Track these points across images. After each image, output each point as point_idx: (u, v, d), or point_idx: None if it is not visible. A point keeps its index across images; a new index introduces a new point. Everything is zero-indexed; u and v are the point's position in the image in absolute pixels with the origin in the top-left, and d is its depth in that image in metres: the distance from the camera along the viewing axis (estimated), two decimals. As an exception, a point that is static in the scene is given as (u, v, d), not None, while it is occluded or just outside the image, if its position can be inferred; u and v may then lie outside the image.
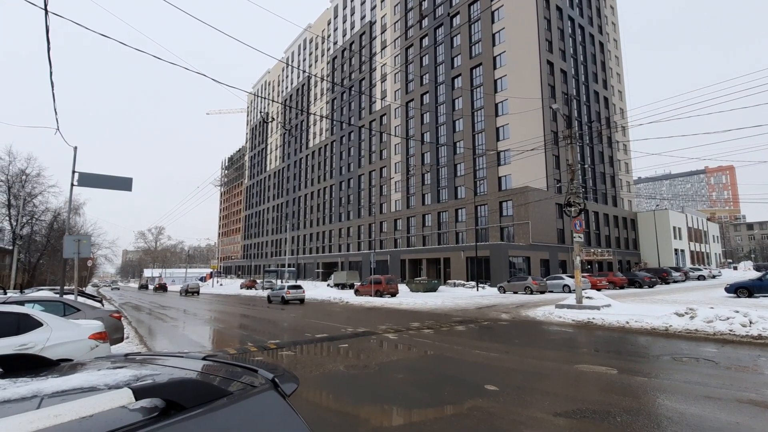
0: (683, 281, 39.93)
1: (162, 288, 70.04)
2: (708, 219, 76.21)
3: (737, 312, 11.58)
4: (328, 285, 47.13)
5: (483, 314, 17.73)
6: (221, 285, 73.25)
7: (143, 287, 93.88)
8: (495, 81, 48.16)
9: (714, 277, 45.04)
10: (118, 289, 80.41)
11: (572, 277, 30.29)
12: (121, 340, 9.47)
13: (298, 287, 29.83)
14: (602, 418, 4.82)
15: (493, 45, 48.88)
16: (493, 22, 49.11)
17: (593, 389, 6.13)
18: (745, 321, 11.01)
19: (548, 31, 47.14)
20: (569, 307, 16.53)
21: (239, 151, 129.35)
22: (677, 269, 43.00)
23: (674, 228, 57.85)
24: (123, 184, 13.72)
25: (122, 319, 13.11)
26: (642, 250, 58.05)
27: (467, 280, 40.76)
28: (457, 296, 29.37)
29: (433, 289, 35.78)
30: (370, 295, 30.50)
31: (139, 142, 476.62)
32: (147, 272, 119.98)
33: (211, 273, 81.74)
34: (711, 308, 12.43)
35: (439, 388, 6.34)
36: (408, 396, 6.00)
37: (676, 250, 57.12)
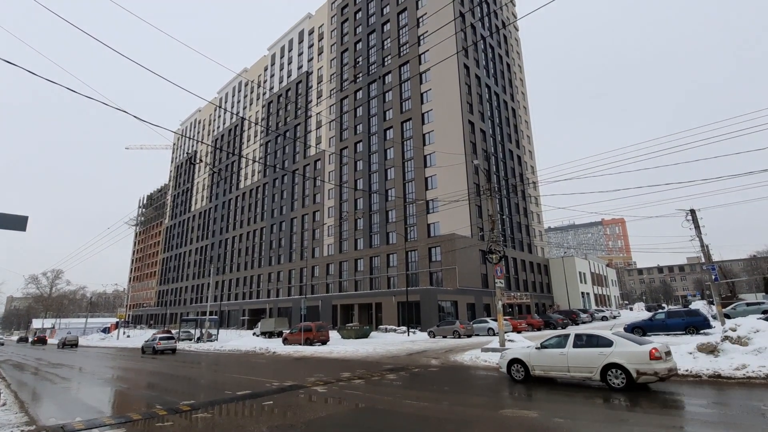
0: (590, 322, 43.84)
1: (41, 341, 62.96)
2: (607, 265, 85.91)
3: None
4: (255, 334, 44.12)
5: (413, 361, 17.81)
6: (128, 337, 64.89)
7: (23, 340, 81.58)
8: (424, 135, 51.64)
9: (615, 317, 50.14)
10: (2, 344, 65.77)
11: (496, 320, 31.80)
12: (-3, 410, 8.00)
13: (171, 338, 32.50)
14: (523, 462, 5.09)
15: (422, 103, 52.92)
16: (421, 83, 53.47)
17: (515, 433, 6.45)
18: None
19: (469, 95, 52.38)
20: (494, 350, 17.29)
21: (161, 189, 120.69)
22: (584, 311, 47.30)
23: (580, 273, 64.18)
24: (15, 223, 12.06)
25: (-1, 383, 11.14)
26: (554, 293, 63.12)
27: (398, 325, 40.80)
28: (389, 342, 29.18)
29: (365, 336, 35.20)
30: (300, 344, 29.15)
31: (40, 177, 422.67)
32: (37, 323, 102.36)
33: (117, 323, 72.05)
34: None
35: (370, 443, 6.23)
36: (338, 454, 5.80)
37: (582, 293, 63.04)
